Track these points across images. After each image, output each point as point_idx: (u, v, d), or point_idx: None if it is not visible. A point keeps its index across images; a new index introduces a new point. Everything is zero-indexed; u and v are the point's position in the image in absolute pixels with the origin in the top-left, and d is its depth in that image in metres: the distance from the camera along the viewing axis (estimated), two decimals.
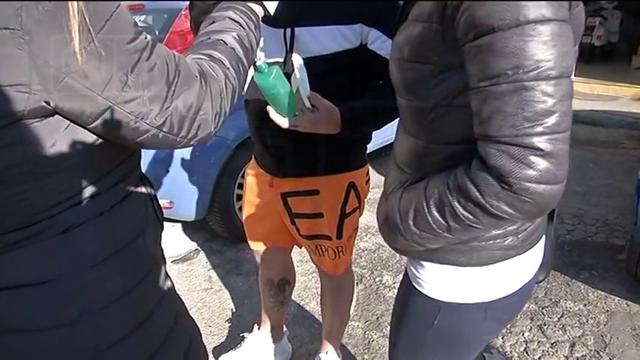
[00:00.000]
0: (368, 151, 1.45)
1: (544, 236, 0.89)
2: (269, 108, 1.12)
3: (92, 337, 0.68)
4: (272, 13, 1.00)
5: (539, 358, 1.93)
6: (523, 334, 2.05)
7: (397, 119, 1.29)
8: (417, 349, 0.92)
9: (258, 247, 1.60)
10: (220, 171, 2.57)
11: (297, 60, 1.06)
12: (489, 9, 0.59)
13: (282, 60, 1.22)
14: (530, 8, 0.58)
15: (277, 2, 0.98)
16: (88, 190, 0.66)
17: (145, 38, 0.62)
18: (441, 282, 0.83)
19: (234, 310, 2.26)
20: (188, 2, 1.25)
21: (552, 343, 2.01)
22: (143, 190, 0.78)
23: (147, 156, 2.36)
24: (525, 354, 1.95)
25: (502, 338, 2.02)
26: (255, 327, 1.86)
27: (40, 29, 0.53)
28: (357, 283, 2.37)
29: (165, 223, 0.87)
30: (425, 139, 0.77)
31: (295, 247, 1.63)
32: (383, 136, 3.82)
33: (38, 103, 0.56)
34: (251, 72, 0.95)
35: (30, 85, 0.54)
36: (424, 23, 0.71)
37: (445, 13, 0.66)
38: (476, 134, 0.65)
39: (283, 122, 1.13)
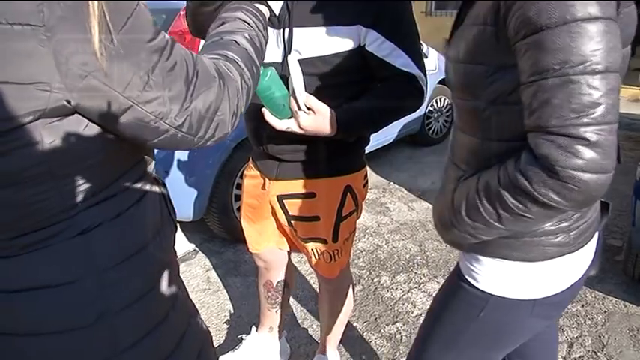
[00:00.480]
0: (366, 152, 1.43)
1: (597, 234, 0.90)
2: (264, 110, 1.12)
3: (109, 339, 0.67)
4: (277, 14, 1.00)
5: None
6: None
7: (396, 121, 1.29)
8: (456, 339, 0.93)
9: (256, 249, 1.60)
10: (218, 172, 2.57)
11: (292, 62, 1.06)
12: (539, 9, 0.63)
13: (279, 61, 1.22)
14: (577, 7, 0.61)
15: (282, 3, 0.98)
16: (105, 191, 0.65)
17: (164, 37, 0.61)
18: (493, 275, 0.86)
19: (232, 311, 2.26)
20: (186, 2, 1.25)
21: None
22: (157, 190, 0.77)
23: None
24: None
25: None
26: (254, 328, 1.86)
27: (62, 26, 0.52)
28: (355, 284, 2.37)
29: None
30: (480, 137, 0.81)
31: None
32: (381, 137, 3.84)
33: (59, 101, 0.55)
34: None
35: (51, 84, 0.53)
36: (479, 26, 0.75)
37: (498, 15, 0.70)
38: (526, 127, 0.68)
39: (278, 124, 1.13)
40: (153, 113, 0.60)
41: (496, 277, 0.86)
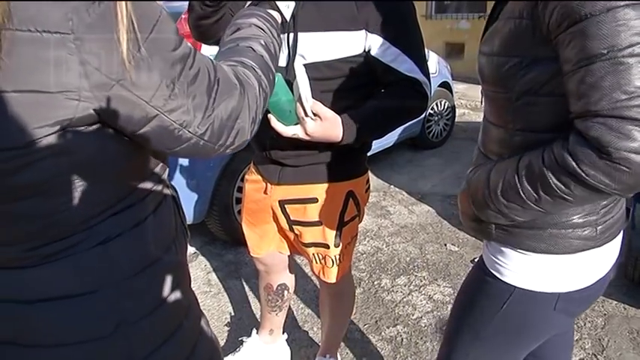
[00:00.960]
0: (368, 155, 1.44)
1: (621, 233, 0.90)
2: (270, 116, 1.11)
3: (126, 349, 0.66)
4: (288, 20, 1.00)
5: None
6: None
7: (400, 127, 1.29)
8: (479, 331, 0.94)
9: (257, 253, 1.60)
10: (220, 174, 2.58)
11: (299, 67, 1.06)
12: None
13: (284, 65, 1.22)
14: None
15: (293, 9, 0.98)
16: (124, 201, 0.65)
17: (187, 44, 0.61)
18: (517, 267, 0.86)
19: (233, 314, 2.26)
20: (188, 14, 1.24)
21: None
22: (171, 198, 0.76)
23: None
24: None
25: None
26: (254, 331, 1.87)
27: (90, 34, 0.51)
28: (355, 287, 2.38)
29: None
30: (511, 127, 0.82)
31: None
32: (382, 140, 3.84)
33: (87, 110, 0.54)
34: None
35: (80, 92, 0.52)
36: (515, 20, 0.77)
37: (536, 9, 0.72)
38: (574, 114, 0.68)
39: (284, 130, 1.13)
40: (177, 122, 0.59)
41: (521, 269, 0.86)
